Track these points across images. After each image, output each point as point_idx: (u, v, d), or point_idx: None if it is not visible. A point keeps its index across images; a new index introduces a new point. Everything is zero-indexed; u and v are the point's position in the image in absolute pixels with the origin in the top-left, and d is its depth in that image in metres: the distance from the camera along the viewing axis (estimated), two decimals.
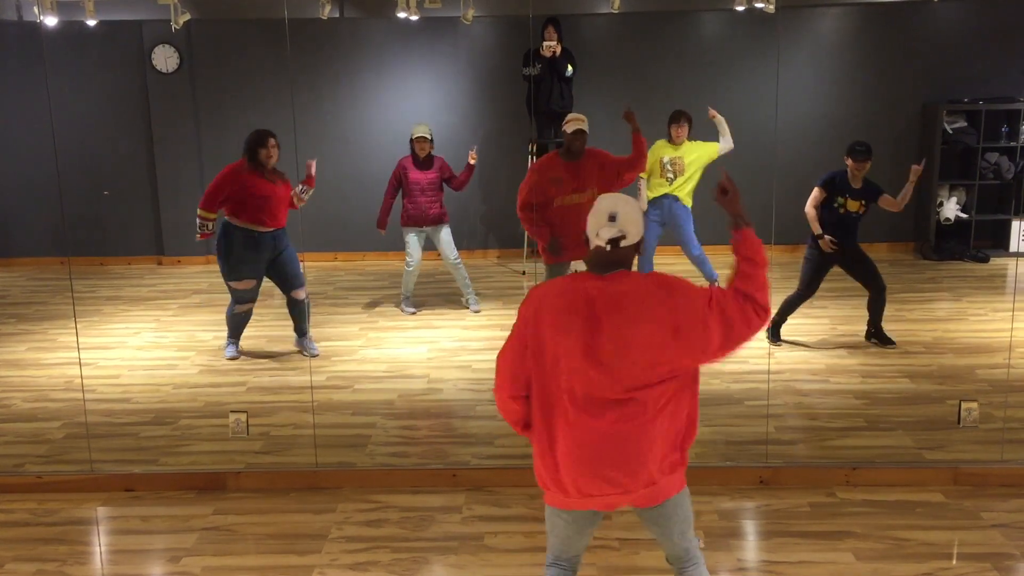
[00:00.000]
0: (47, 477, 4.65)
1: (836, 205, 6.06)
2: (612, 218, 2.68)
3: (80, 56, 8.91)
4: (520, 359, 2.79)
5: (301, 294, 6.33)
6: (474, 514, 4.30)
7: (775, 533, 4.11)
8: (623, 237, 2.68)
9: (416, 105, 9.06)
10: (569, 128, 5.99)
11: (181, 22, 6.98)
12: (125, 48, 9.00)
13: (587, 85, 8.78)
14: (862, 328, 6.74)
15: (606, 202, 2.74)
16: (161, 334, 7.03)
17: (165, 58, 8.96)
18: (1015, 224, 8.89)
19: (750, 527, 4.23)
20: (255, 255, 6.08)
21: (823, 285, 6.36)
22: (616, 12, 8.03)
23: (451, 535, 4.12)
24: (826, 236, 6.06)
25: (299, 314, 6.41)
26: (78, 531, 4.27)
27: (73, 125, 8.91)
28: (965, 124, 8.90)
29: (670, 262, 7.95)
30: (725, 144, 7.30)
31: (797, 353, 6.29)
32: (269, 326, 6.93)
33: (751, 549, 4.04)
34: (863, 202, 6.04)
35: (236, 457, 4.84)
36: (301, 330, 6.47)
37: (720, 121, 7.32)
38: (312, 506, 4.40)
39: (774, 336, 6.41)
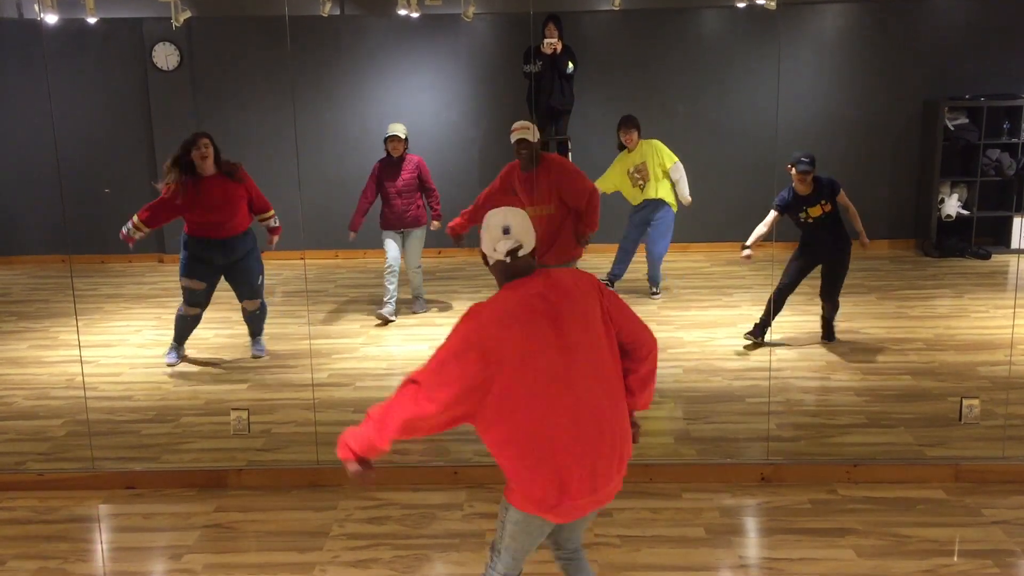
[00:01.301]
0: (48, 475, 4.66)
1: (802, 219, 6.10)
2: (506, 231, 2.80)
3: (80, 54, 8.91)
4: (473, 384, 2.66)
5: (251, 306, 6.26)
6: (475, 511, 4.30)
7: (776, 530, 4.11)
8: (520, 247, 2.80)
9: (417, 103, 9.06)
10: (512, 137, 5.95)
11: (181, 20, 6.97)
12: (125, 46, 8.99)
13: (588, 82, 8.78)
14: (863, 325, 6.76)
15: (496, 217, 2.85)
16: (162, 332, 7.02)
17: (165, 56, 8.95)
18: (1016, 221, 8.88)
19: (751, 524, 4.24)
20: (207, 258, 5.99)
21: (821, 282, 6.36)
22: (617, 9, 8.03)
23: (452, 532, 4.12)
24: (749, 250, 6.14)
25: (250, 321, 6.38)
26: (79, 528, 4.27)
27: (74, 123, 8.90)
28: (966, 121, 8.89)
29: (671, 259, 7.96)
30: (681, 191, 7.40)
31: (798, 350, 6.29)
32: (269, 325, 6.92)
33: (752, 546, 4.04)
34: (823, 202, 6.02)
35: (237, 455, 4.84)
36: (252, 332, 6.43)
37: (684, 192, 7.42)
38: (313, 503, 4.41)
39: (759, 334, 6.30)
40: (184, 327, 6.25)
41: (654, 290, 7.62)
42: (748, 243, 6.16)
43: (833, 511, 4.24)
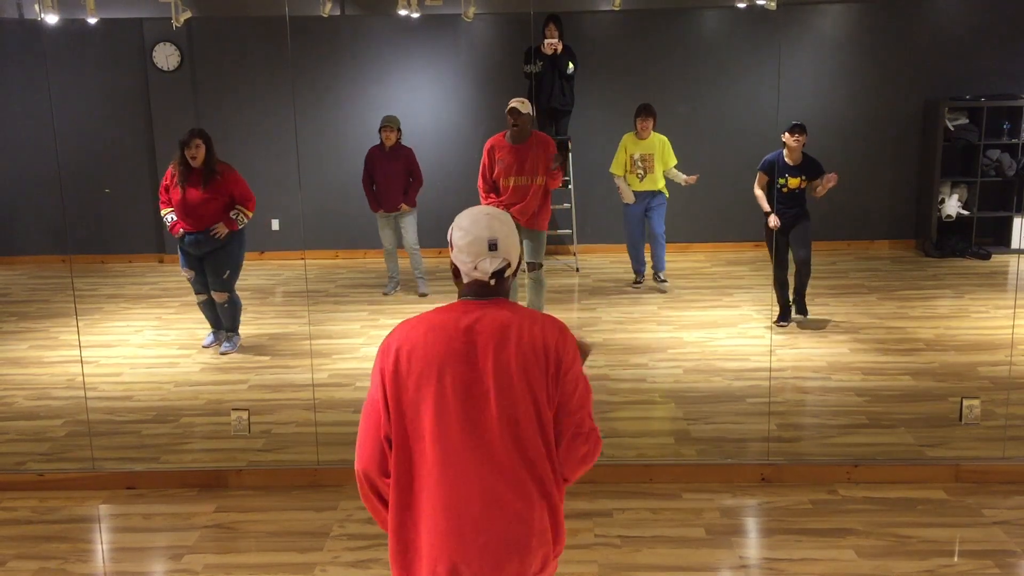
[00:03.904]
0: (49, 475, 4.65)
1: (779, 186, 6.36)
2: (493, 246, 2.21)
3: (81, 54, 8.90)
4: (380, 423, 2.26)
5: (219, 298, 6.37)
6: None
7: (777, 530, 4.11)
8: (508, 266, 2.24)
9: (417, 103, 9.05)
10: (522, 107, 6.18)
11: (182, 20, 6.97)
12: (126, 46, 8.99)
13: (588, 82, 8.77)
14: (863, 324, 6.76)
15: (482, 225, 2.23)
16: (162, 332, 7.03)
17: (166, 56, 8.95)
18: (1016, 221, 8.87)
19: (752, 524, 4.23)
20: (186, 249, 6.27)
21: (822, 282, 6.37)
22: (617, 9, 8.02)
23: None
24: (773, 215, 6.35)
25: (220, 312, 6.46)
26: (80, 529, 4.27)
27: (74, 123, 8.90)
28: (967, 121, 8.89)
29: (671, 259, 7.97)
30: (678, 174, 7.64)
31: (799, 350, 6.28)
32: (270, 324, 6.93)
33: (753, 546, 4.04)
34: (803, 178, 6.33)
35: (238, 455, 4.84)
36: (218, 323, 6.56)
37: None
38: (314, 504, 4.40)
39: (785, 319, 6.61)
40: (205, 312, 6.56)
41: (662, 278, 7.71)
42: (769, 210, 6.39)
43: (833, 511, 4.24)
